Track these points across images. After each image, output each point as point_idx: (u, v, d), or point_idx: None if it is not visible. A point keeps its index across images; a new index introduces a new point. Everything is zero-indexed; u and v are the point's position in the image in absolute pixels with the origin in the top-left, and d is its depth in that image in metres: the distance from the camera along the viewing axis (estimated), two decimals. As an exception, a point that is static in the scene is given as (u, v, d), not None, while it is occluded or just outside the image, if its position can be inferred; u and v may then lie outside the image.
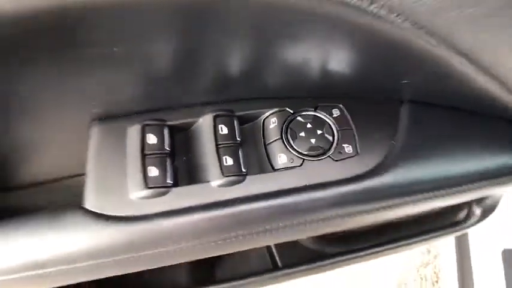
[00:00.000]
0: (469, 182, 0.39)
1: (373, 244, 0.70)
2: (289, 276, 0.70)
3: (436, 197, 0.39)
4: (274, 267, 0.70)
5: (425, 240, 0.71)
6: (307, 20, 0.26)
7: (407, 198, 0.38)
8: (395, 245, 0.70)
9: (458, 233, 0.73)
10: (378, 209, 0.38)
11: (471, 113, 0.42)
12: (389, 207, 0.38)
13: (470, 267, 1.23)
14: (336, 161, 0.37)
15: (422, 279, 1.43)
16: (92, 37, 0.27)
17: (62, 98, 0.34)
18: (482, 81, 0.33)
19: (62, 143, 0.39)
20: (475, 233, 1.23)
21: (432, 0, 0.23)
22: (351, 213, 0.37)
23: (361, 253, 0.69)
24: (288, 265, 0.69)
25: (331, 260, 0.69)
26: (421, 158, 0.38)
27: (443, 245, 1.37)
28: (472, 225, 0.71)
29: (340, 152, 0.38)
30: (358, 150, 0.38)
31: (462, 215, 0.74)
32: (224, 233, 0.36)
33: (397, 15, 0.24)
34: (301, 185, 0.36)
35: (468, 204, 0.74)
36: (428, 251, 1.47)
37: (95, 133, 0.37)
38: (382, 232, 0.73)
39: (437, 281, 1.42)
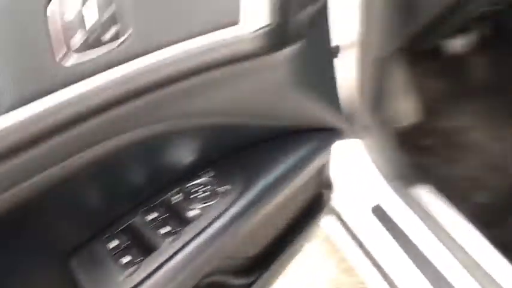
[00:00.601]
0: (292, 173, 0.70)
1: (276, 256, 0.94)
2: None
3: (280, 190, 0.68)
4: None
5: (309, 231, 0.99)
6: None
7: (263, 201, 0.66)
8: (291, 248, 0.95)
9: (325, 213, 1.05)
10: (250, 217, 0.64)
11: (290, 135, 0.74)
12: (257, 211, 0.65)
13: (360, 240, 1.50)
14: (221, 199, 0.64)
15: (343, 273, 1.70)
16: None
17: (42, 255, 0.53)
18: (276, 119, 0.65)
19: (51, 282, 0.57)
20: (346, 207, 1.41)
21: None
22: (239, 226, 0.63)
23: (272, 267, 0.92)
24: None
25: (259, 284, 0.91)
26: (259, 178, 0.67)
27: (344, 240, 1.65)
28: (330, 199, 1.03)
29: (220, 193, 0.65)
30: (230, 188, 0.66)
31: (320, 200, 1.06)
32: (185, 271, 0.58)
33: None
34: (209, 221, 0.61)
35: (319, 194, 1.07)
36: (337, 250, 1.76)
37: (75, 262, 0.56)
38: (277, 246, 0.97)
39: (352, 269, 1.70)
